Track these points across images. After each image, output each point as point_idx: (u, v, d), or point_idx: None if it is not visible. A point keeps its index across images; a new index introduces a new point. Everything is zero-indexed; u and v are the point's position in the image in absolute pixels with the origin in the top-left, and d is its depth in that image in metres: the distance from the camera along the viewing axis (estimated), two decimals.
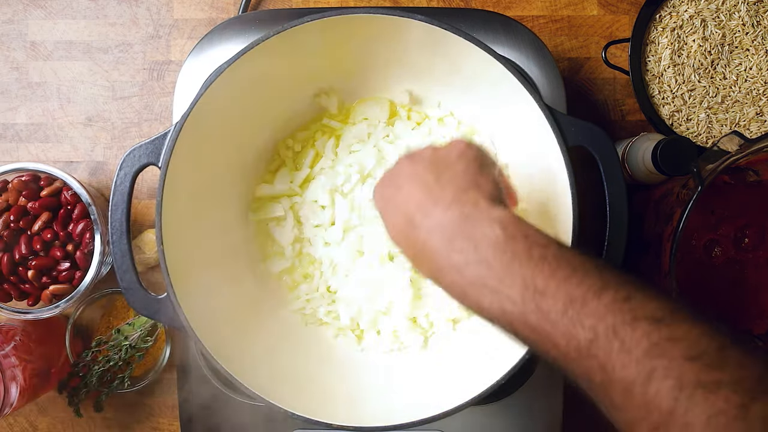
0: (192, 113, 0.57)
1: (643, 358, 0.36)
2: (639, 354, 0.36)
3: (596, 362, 0.37)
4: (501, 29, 0.70)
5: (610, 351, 0.37)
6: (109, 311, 0.78)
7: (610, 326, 0.37)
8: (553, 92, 0.70)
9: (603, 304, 0.38)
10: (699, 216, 0.64)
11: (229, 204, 0.69)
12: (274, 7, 0.80)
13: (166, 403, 0.79)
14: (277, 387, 0.60)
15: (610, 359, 0.37)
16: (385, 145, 0.68)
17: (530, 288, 0.40)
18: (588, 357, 0.38)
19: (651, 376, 0.35)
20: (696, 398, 0.34)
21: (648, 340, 0.36)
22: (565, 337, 0.38)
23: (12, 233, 0.70)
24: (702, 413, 0.33)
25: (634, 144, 0.71)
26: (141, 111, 0.80)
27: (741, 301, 0.68)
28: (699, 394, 0.34)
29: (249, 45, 0.57)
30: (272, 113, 0.68)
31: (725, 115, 0.75)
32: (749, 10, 0.73)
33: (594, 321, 0.37)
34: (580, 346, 0.38)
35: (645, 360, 0.36)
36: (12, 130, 0.80)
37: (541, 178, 0.62)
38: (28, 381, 0.68)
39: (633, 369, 0.36)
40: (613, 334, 0.37)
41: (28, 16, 0.80)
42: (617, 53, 0.79)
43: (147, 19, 0.80)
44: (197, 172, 0.62)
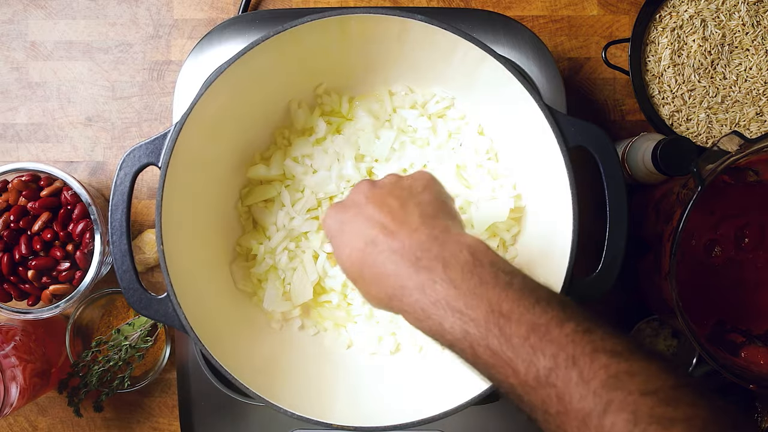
0: (192, 113, 0.57)
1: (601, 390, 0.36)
2: (597, 385, 0.36)
3: (554, 391, 0.37)
4: (501, 29, 0.70)
5: (569, 381, 0.37)
6: (109, 311, 0.78)
7: (570, 356, 0.37)
8: (553, 92, 0.70)
9: (564, 333, 0.38)
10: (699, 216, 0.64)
11: (229, 203, 0.69)
12: (274, 7, 0.80)
13: (166, 403, 0.79)
14: (277, 387, 0.60)
15: (568, 389, 0.37)
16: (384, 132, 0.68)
17: (495, 312, 0.40)
18: (546, 386, 0.38)
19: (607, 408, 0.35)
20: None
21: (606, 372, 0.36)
22: (525, 363, 0.38)
23: (12, 233, 0.70)
24: None
25: (634, 144, 0.71)
26: (141, 111, 0.80)
27: (741, 301, 0.68)
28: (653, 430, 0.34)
29: (249, 45, 0.57)
30: (272, 113, 0.68)
31: (725, 115, 0.75)
32: (749, 10, 0.73)
33: (555, 349, 0.38)
34: (539, 375, 0.38)
35: (602, 392, 0.36)
36: (12, 130, 0.80)
37: (542, 178, 0.62)
38: (28, 381, 0.68)
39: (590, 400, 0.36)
40: (572, 363, 0.37)
41: (28, 16, 0.80)
42: (617, 53, 0.79)
43: (147, 19, 0.80)
44: (197, 172, 0.62)
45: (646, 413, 0.35)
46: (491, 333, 0.40)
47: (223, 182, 0.68)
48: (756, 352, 0.65)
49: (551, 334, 0.38)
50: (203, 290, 0.63)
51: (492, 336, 0.39)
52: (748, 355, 0.65)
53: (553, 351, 0.38)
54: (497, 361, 0.40)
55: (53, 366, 0.74)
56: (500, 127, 0.67)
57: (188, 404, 0.72)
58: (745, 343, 0.66)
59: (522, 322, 0.39)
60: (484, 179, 0.67)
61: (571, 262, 0.58)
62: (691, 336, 0.60)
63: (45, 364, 0.72)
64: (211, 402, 0.71)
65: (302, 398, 0.61)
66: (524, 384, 0.39)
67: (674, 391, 0.36)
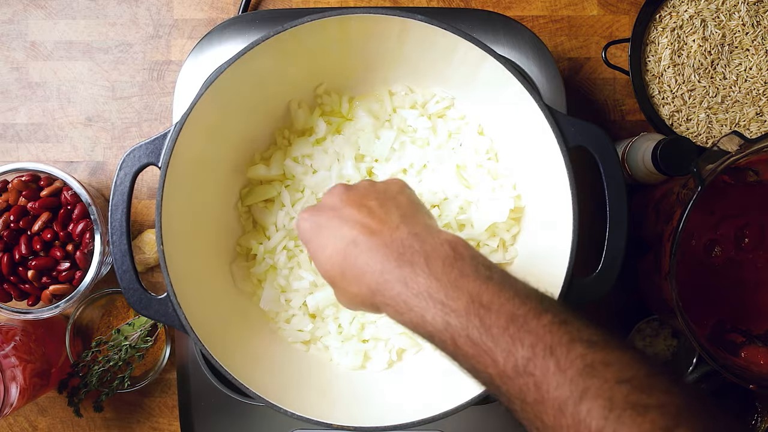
0: (192, 113, 0.57)
1: (577, 378, 0.37)
2: (573, 374, 0.37)
3: (532, 380, 0.38)
4: (501, 29, 0.70)
5: (546, 370, 0.38)
6: (109, 311, 0.78)
7: (547, 346, 0.38)
8: (553, 92, 0.70)
9: (542, 324, 0.39)
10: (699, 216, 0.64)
11: (229, 203, 0.69)
12: (274, 7, 0.80)
13: (166, 403, 0.79)
14: (277, 387, 0.60)
15: (546, 378, 0.38)
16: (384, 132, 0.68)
17: (475, 303, 0.41)
18: (524, 375, 0.39)
19: (584, 395, 0.36)
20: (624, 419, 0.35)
21: (582, 361, 0.37)
22: (504, 353, 0.39)
23: (12, 233, 0.70)
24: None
25: (634, 144, 0.71)
26: (141, 111, 0.80)
27: (741, 301, 0.68)
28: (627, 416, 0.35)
29: (249, 45, 0.57)
30: (272, 112, 0.68)
31: (725, 115, 0.75)
32: (749, 10, 0.73)
33: (533, 339, 0.39)
34: (517, 364, 0.39)
35: (579, 380, 0.37)
36: (12, 130, 0.80)
37: (542, 178, 0.62)
38: (28, 381, 0.68)
39: (566, 388, 0.37)
40: (550, 353, 0.38)
41: (28, 16, 0.80)
42: (617, 53, 0.79)
43: (147, 19, 0.80)
44: (197, 171, 0.62)
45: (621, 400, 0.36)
46: (471, 323, 0.41)
47: (223, 182, 0.68)
48: (756, 352, 0.65)
49: (529, 324, 0.39)
50: (203, 290, 0.63)
51: (472, 326, 0.41)
52: (748, 355, 0.65)
53: (531, 341, 0.39)
54: (477, 352, 0.41)
55: (53, 366, 0.74)
56: (500, 127, 0.67)
57: (188, 404, 0.72)
58: (745, 343, 0.66)
59: (501, 313, 0.40)
60: (484, 179, 0.67)
61: (571, 262, 0.58)
62: (691, 336, 0.60)
63: (45, 364, 0.72)
64: (211, 402, 0.71)
65: (302, 398, 0.61)
66: (503, 374, 0.40)
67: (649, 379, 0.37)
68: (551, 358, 0.38)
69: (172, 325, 0.57)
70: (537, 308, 0.40)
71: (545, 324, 0.39)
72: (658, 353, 0.77)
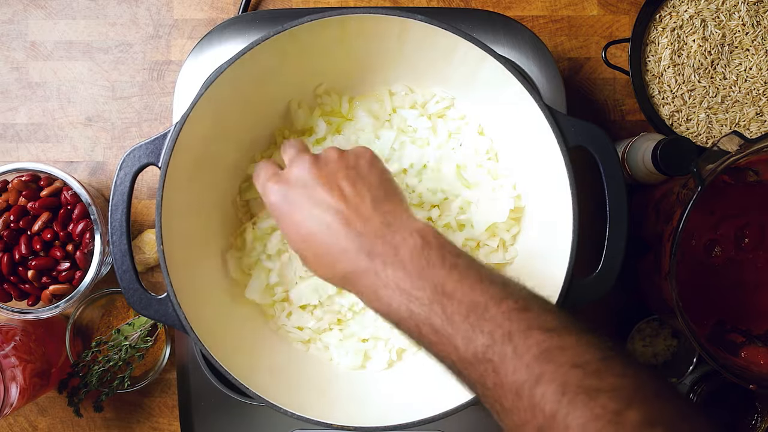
0: (192, 113, 0.57)
1: (533, 363, 0.38)
2: (529, 359, 0.39)
3: (491, 366, 0.40)
4: (501, 29, 0.70)
5: (504, 356, 0.39)
6: (109, 311, 0.78)
7: (506, 333, 0.40)
8: (553, 92, 0.70)
9: (502, 311, 0.41)
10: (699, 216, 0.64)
11: (229, 203, 0.69)
12: (274, 7, 0.80)
13: (166, 403, 0.79)
14: (277, 387, 0.60)
15: (504, 363, 0.39)
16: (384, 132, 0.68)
17: (439, 292, 0.42)
18: (484, 361, 0.40)
19: (539, 380, 0.38)
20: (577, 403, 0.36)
21: (539, 347, 0.39)
22: (465, 340, 0.41)
23: (12, 233, 0.70)
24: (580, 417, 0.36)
25: (634, 144, 0.71)
26: (141, 111, 0.80)
27: (741, 301, 0.68)
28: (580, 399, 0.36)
29: (249, 45, 0.57)
30: (272, 113, 0.68)
31: (725, 115, 0.75)
32: (749, 10, 0.73)
33: (492, 327, 0.40)
34: (477, 351, 0.40)
35: (535, 365, 0.38)
36: (12, 130, 0.80)
37: (542, 179, 0.62)
38: (28, 381, 0.68)
39: (523, 373, 0.38)
40: (508, 339, 0.39)
41: (28, 16, 0.80)
42: (617, 53, 0.79)
43: (147, 19, 0.80)
44: (198, 172, 0.62)
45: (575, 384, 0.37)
46: (434, 312, 0.42)
47: (224, 182, 0.68)
48: (756, 352, 0.65)
49: (489, 312, 0.41)
50: (203, 290, 0.63)
51: (435, 315, 0.42)
52: (748, 355, 0.65)
53: (490, 328, 0.40)
54: (439, 339, 0.42)
55: (53, 366, 0.74)
56: (500, 127, 0.67)
57: (188, 404, 0.72)
58: (745, 343, 0.66)
59: (463, 302, 0.42)
60: (484, 179, 0.67)
61: (571, 262, 0.57)
62: (691, 336, 0.60)
63: (45, 364, 0.72)
64: (211, 402, 0.71)
65: (302, 398, 0.61)
66: (464, 360, 0.41)
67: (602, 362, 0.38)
68: (509, 345, 0.39)
69: (172, 325, 0.57)
70: (499, 295, 0.42)
71: (504, 311, 0.41)
72: (658, 353, 0.77)
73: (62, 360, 0.76)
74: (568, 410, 0.36)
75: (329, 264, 0.47)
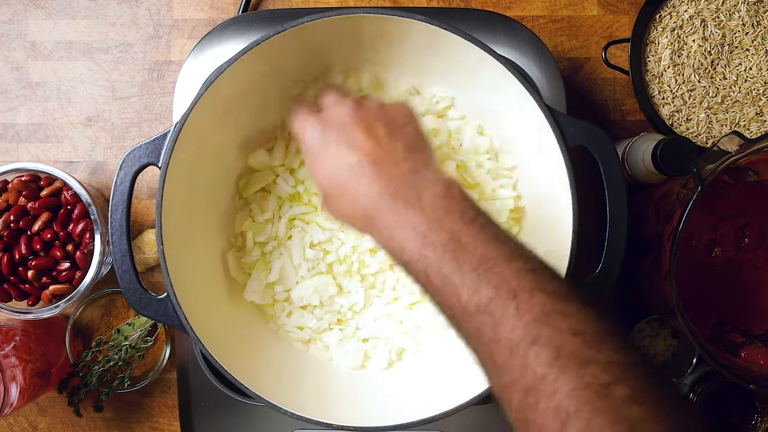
0: (192, 113, 0.57)
1: (532, 324, 0.39)
2: (529, 319, 0.39)
3: (491, 319, 0.40)
4: (501, 29, 0.70)
5: (506, 311, 0.39)
6: (109, 311, 0.78)
7: (511, 289, 0.40)
8: (553, 92, 0.70)
9: (511, 269, 0.41)
10: (699, 216, 0.64)
11: (229, 202, 0.69)
12: (274, 7, 0.80)
13: (166, 403, 0.79)
14: (277, 387, 0.60)
15: (504, 319, 0.39)
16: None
17: (454, 240, 0.43)
18: (485, 313, 0.40)
19: (535, 341, 0.38)
20: (568, 369, 0.36)
21: (541, 308, 0.39)
22: (470, 290, 0.41)
23: (12, 233, 0.70)
24: (569, 383, 0.36)
25: (634, 144, 0.71)
26: (141, 111, 0.80)
27: (741, 301, 0.68)
28: (571, 366, 0.36)
29: (249, 45, 0.57)
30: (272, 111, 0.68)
31: (725, 115, 0.75)
32: (749, 10, 0.73)
33: (498, 281, 0.41)
34: (480, 302, 0.40)
35: (533, 325, 0.38)
36: (12, 130, 0.80)
37: (541, 179, 0.62)
38: (28, 381, 0.68)
39: (521, 331, 0.39)
40: (512, 296, 0.40)
41: (28, 16, 0.80)
42: (617, 53, 0.79)
43: (147, 19, 0.80)
44: (197, 171, 0.62)
45: (569, 350, 0.37)
46: (445, 258, 0.42)
47: (224, 181, 0.68)
48: (756, 352, 0.65)
49: (499, 267, 0.41)
50: (203, 290, 0.63)
51: (445, 261, 0.42)
52: (748, 355, 0.65)
53: (496, 282, 0.41)
54: (444, 286, 0.42)
55: (53, 366, 0.74)
56: (500, 127, 0.67)
57: (188, 404, 0.72)
58: (745, 343, 0.66)
59: (475, 254, 0.42)
60: (484, 179, 0.67)
61: (571, 262, 0.58)
62: (691, 336, 0.60)
63: (45, 364, 0.72)
64: (211, 402, 0.71)
65: (302, 398, 0.61)
66: (465, 310, 0.41)
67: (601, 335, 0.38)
68: (512, 302, 0.39)
69: (172, 325, 0.57)
70: (511, 254, 0.42)
71: (514, 269, 0.41)
72: (658, 353, 0.77)
73: (62, 360, 0.76)
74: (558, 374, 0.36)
75: (352, 201, 0.48)
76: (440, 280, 0.43)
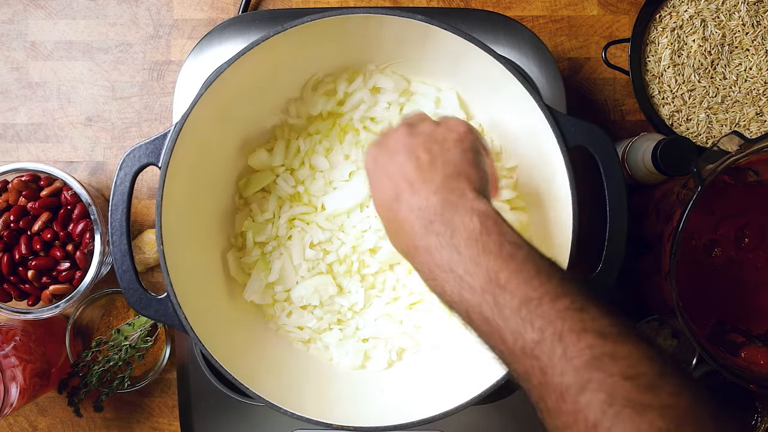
0: (192, 113, 0.57)
1: (582, 369, 0.37)
2: (579, 363, 0.37)
3: (538, 364, 0.38)
4: (501, 29, 0.70)
5: (553, 355, 0.38)
6: (109, 311, 0.78)
7: (557, 332, 0.38)
8: (553, 92, 0.70)
9: (556, 309, 0.39)
10: (699, 216, 0.64)
11: (229, 202, 0.69)
12: (274, 7, 0.80)
13: (166, 403, 0.79)
14: (277, 387, 0.60)
15: (551, 363, 0.38)
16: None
17: (492, 281, 0.41)
18: (531, 357, 0.39)
19: (585, 386, 0.36)
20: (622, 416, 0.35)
21: (591, 352, 0.37)
22: (514, 334, 0.40)
23: (12, 233, 0.70)
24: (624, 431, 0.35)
25: (634, 144, 0.71)
26: (141, 111, 0.80)
27: (741, 301, 0.68)
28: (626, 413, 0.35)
29: (249, 45, 0.57)
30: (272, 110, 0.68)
31: (725, 115, 0.75)
32: (749, 10, 0.73)
33: (543, 323, 0.39)
34: (525, 346, 0.39)
35: (583, 370, 0.37)
36: (12, 130, 0.80)
37: (541, 179, 0.62)
38: (28, 381, 0.68)
39: (570, 376, 0.37)
40: (558, 339, 0.38)
41: (28, 16, 0.80)
42: (617, 53, 0.79)
43: (147, 19, 0.80)
44: (197, 171, 0.62)
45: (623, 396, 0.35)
46: (485, 301, 0.41)
47: (224, 181, 0.68)
48: (756, 352, 0.65)
49: (543, 308, 0.39)
50: (203, 290, 0.63)
51: (485, 304, 0.41)
52: (748, 355, 0.65)
53: (541, 325, 0.39)
54: (489, 328, 0.41)
55: (53, 366, 0.74)
56: (500, 127, 0.67)
57: (188, 404, 0.72)
58: (745, 343, 0.66)
59: (516, 294, 0.40)
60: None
61: (572, 262, 0.58)
62: (691, 336, 0.60)
63: (45, 364, 0.72)
64: (211, 402, 0.71)
65: (302, 398, 0.61)
66: (512, 353, 0.40)
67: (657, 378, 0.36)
68: (559, 345, 0.38)
69: (172, 325, 0.57)
70: (555, 291, 0.40)
71: (559, 309, 0.39)
72: None
73: (62, 360, 0.76)
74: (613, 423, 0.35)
75: (397, 234, 0.47)
76: (483, 322, 0.41)
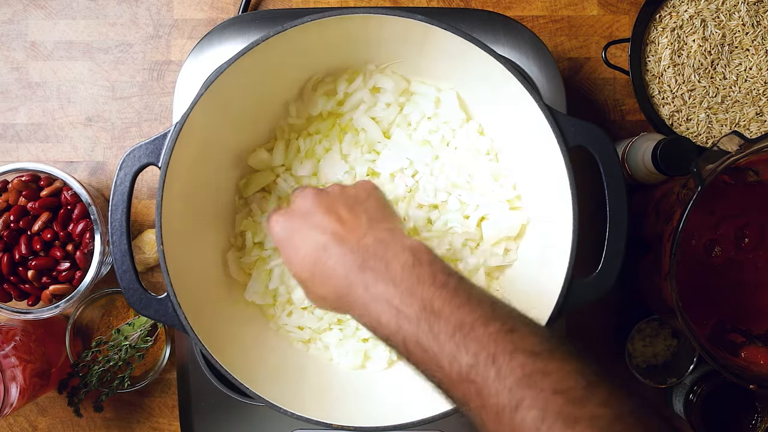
0: (192, 113, 0.57)
1: (515, 387, 0.38)
2: (511, 383, 0.38)
3: (474, 387, 0.40)
4: (501, 29, 0.70)
5: (487, 378, 0.39)
6: (109, 311, 0.78)
7: (490, 354, 0.40)
8: (553, 92, 0.70)
9: (488, 333, 0.40)
10: (699, 216, 0.64)
11: (229, 202, 0.69)
12: (274, 7, 0.80)
13: (166, 403, 0.79)
14: (277, 387, 0.60)
15: (486, 385, 0.39)
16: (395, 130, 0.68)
17: (427, 309, 0.42)
18: (467, 381, 0.40)
19: (519, 404, 0.38)
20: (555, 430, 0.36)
21: (522, 370, 0.38)
22: (449, 359, 0.41)
23: (12, 233, 0.70)
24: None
25: (634, 144, 0.71)
26: (141, 111, 0.80)
27: (741, 302, 0.68)
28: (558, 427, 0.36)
29: (249, 45, 0.57)
30: (272, 110, 0.68)
31: (725, 115, 0.75)
32: (749, 10, 0.73)
33: (477, 347, 0.40)
34: (461, 370, 0.40)
35: (516, 389, 0.38)
36: (12, 130, 0.80)
37: (541, 179, 0.62)
38: (28, 381, 0.68)
39: (504, 396, 0.38)
40: (492, 362, 0.39)
41: (28, 16, 0.80)
42: (617, 53, 0.79)
43: (147, 19, 0.80)
44: (197, 171, 0.62)
45: (554, 411, 0.37)
46: (421, 329, 0.42)
47: (223, 181, 0.68)
48: (756, 352, 0.65)
49: (476, 332, 0.41)
50: (203, 290, 0.63)
51: (422, 332, 0.42)
52: (748, 355, 0.65)
53: (475, 349, 0.40)
54: (425, 357, 0.42)
55: (53, 366, 0.74)
56: (500, 127, 0.67)
57: (188, 404, 0.72)
58: (745, 343, 0.66)
59: (450, 321, 0.41)
60: (484, 180, 0.67)
61: (571, 262, 0.58)
62: (691, 336, 0.60)
63: (45, 364, 0.72)
64: (211, 402, 0.71)
65: (302, 398, 0.61)
66: (449, 378, 0.41)
67: (585, 390, 0.38)
68: (492, 367, 0.39)
69: (172, 325, 0.57)
70: (486, 315, 0.41)
71: (491, 332, 0.40)
72: (658, 353, 0.77)
73: (62, 360, 0.76)
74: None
75: (324, 282, 0.47)
76: (420, 351, 0.42)
